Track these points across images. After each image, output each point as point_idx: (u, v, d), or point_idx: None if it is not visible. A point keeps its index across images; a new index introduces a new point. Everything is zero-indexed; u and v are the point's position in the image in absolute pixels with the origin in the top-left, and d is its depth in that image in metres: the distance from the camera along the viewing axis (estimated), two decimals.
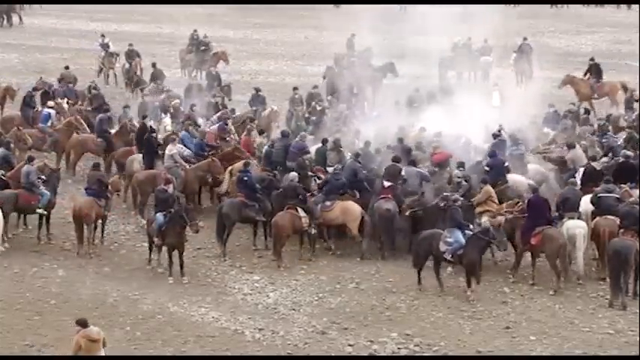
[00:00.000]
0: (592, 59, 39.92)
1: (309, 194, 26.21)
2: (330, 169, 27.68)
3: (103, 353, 17.92)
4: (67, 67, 40.62)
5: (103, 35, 46.98)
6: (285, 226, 25.14)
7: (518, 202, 24.89)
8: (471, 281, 23.18)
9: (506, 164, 27.37)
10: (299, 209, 25.39)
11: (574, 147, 28.47)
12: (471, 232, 23.35)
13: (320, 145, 29.15)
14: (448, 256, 23.40)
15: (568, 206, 24.40)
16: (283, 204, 25.62)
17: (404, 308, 22.94)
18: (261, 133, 31.00)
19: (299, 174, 26.70)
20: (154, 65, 40.59)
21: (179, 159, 28.56)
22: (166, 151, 28.64)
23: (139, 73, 43.06)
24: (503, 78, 40.41)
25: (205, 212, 28.37)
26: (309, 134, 30.92)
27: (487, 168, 27.02)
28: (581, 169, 27.12)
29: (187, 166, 28.66)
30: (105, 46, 45.48)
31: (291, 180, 26.05)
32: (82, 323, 17.99)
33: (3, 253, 25.83)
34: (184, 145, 29.63)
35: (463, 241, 23.20)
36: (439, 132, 29.81)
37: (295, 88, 36.85)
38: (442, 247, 23.31)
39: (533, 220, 23.78)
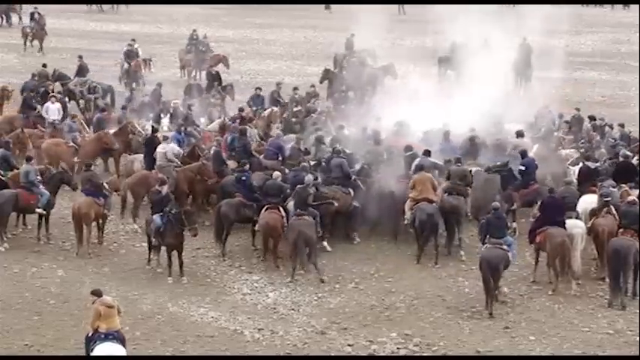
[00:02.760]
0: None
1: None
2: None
3: (119, 320, 18.85)
4: (44, 65, 40.33)
5: (133, 40, 45.57)
6: (277, 226, 25.07)
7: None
8: None
9: (536, 163, 27.48)
10: (280, 209, 25.36)
11: (522, 136, 29.51)
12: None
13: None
14: (515, 261, 23.44)
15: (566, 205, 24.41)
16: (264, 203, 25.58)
17: (403, 308, 22.95)
18: (242, 133, 30.81)
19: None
20: (80, 58, 40.63)
21: (172, 157, 28.52)
22: (159, 150, 28.58)
23: (142, 72, 42.93)
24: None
25: (204, 212, 28.38)
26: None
27: (522, 167, 27.06)
28: (576, 169, 27.20)
29: (180, 165, 28.63)
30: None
31: (274, 179, 25.98)
32: (98, 293, 19.07)
33: (2, 253, 25.84)
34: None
35: (511, 239, 23.40)
36: (400, 121, 30.53)
37: (295, 89, 36.89)
38: (511, 257, 22.98)
39: (543, 221, 23.80)
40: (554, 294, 23.38)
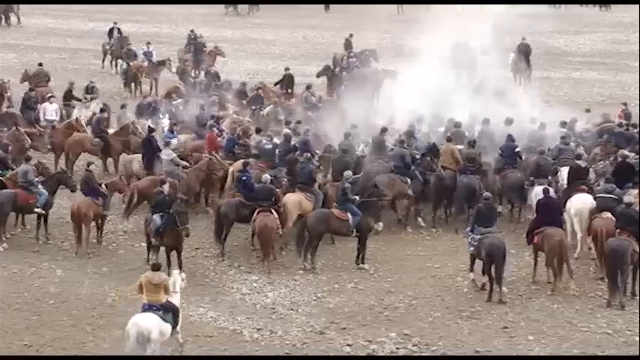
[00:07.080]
0: (287, 69, 39.83)
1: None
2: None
3: (163, 299, 19.38)
4: (40, 64, 40.34)
5: (149, 43, 45.19)
6: (274, 227, 25.11)
7: None
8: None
9: (518, 150, 28.17)
10: (272, 211, 25.37)
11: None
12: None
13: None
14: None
15: (540, 173, 26.30)
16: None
17: (402, 308, 22.96)
18: (258, 131, 30.90)
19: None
20: None
21: (179, 161, 28.47)
22: (163, 156, 28.48)
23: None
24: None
25: (204, 212, 28.41)
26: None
27: (500, 151, 28.16)
28: (566, 169, 27.20)
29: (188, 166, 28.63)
30: (148, 55, 43.81)
31: (264, 182, 25.94)
32: (154, 267, 19.93)
33: (1, 253, 25.83)
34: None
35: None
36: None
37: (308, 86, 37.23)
38: None
39: (540, 221, 23.85)
40: (553, 294, 23.40)
